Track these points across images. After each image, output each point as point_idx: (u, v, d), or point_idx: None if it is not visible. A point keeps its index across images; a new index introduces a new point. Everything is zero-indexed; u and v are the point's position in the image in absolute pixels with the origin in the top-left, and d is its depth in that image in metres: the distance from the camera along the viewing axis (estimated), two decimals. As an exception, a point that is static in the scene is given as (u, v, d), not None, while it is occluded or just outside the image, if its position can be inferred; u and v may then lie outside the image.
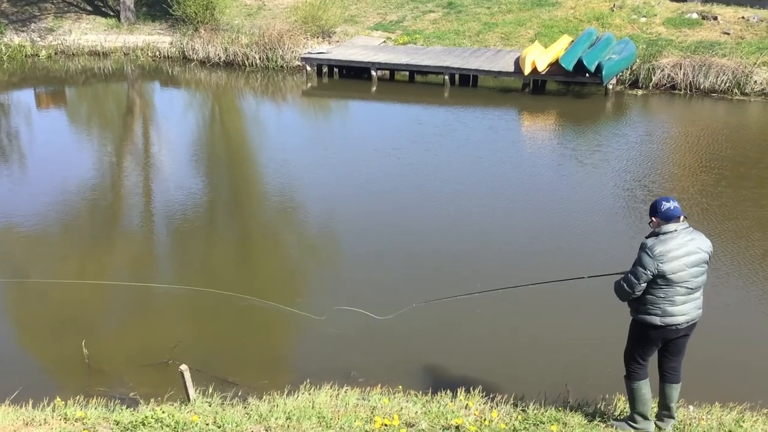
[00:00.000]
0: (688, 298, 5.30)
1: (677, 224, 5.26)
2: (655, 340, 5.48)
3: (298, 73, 21.57)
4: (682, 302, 5.29)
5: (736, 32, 20.45)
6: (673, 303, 5.28)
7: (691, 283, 5.26)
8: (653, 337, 5.45)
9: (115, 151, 15.48)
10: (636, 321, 5.52)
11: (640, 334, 5.51)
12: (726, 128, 16.09)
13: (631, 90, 19.11)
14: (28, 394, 6.53)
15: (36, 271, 9.68)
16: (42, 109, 19.26)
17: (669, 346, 5.54)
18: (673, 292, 5.25)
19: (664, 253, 5.16)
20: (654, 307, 5.32)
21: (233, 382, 7.09)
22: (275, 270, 10.03)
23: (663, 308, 5.30)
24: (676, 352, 5.58)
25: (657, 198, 5.46)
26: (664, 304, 5.29)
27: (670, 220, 5.26)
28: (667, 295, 5.26)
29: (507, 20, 23.19)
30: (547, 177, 12.97)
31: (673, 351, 5.57)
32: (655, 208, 5.35)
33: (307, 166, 13.76)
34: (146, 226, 11.37)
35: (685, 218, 5.36)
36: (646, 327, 5.41)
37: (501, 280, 8.64)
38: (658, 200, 5.37)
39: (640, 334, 5.51)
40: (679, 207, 5.32)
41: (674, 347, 5.54)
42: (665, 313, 5.30)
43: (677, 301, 5.28)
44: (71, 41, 24.24)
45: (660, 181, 12.81)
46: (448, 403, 6.22)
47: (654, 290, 5.28)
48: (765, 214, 11.25)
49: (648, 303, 5.34)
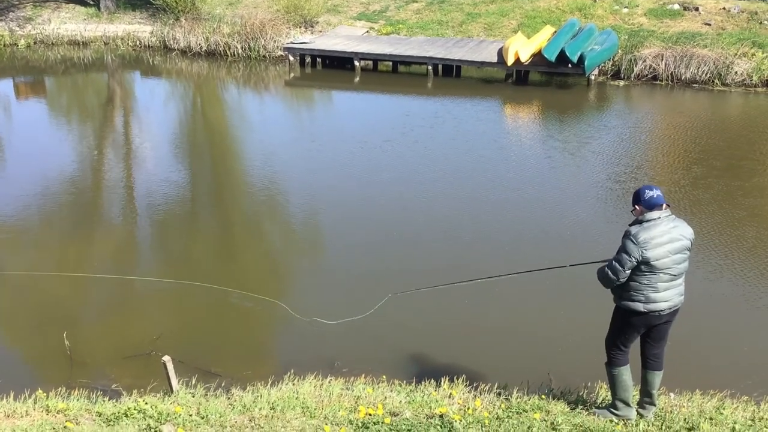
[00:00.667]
0: (670, 285, 5.37)
1: (660, 212, 5.32)
2: (637, 327, 5.54)
3: (281, 63, 21.46)
4: (665, 288, 5.35)
5: (717, 23, 20.58)
6: (657, 289, 5.33)
7: (674, 269, 5.33)
8: (636, 323, 5.50)
9: (96, 143, 15.33)
10: (619, 308, 5.58)
11: (623, 320, 5.57)
12: (708, 119, 16.20)
13: (613, 81, 19.18)
14: (9, 386, 6.48)
15: (16, 262, 9.59)
16: (21, 100, 19.02)
17: (651, 333, 5.60)
18: (656, 279, 5.31)
19: (648, 240, 5.21)
20: (637, 294, 5.38)
21: (216, 373, 7.08)
22: (258, 262, 9.99)
23: (646, 294, 5.35)
24: (659, 339, 5.64)
25: (640, 187, 5.51)
26: (647, 290, 5.34)
27: (653, 208, 5.31)
28: (650, 282, 5.32)
29: (490, 11, 23.19)
30: (531, 167, 13.00)
31: (656, 337, 5.63)
32: (638, 197, 5.40)
33: (291, 157, 13.72)
34: (128, 217, 11.29)
35: (668, 206, 5.41)
36: (630, 313, 5.47)
37: (485, 270, 8.67)
38: (641, 189, 5.42)
39: (623, 320, 5.57)
40: (662, 195, 5.37)
41: (657, 333, 5.60)
42: (648, 300, 5.36)
43: (660, 288, 5.33)
44: (50, 30, 23.93)
45: (643, 170, 12.88)
46: (432, 393, 6.24)
47: (638, 277, 5.34)
48: (749, 203, 11.34)
49: (632, 290, 5.40)
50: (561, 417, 5.75)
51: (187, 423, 5.60)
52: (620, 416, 5.78)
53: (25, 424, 5.60)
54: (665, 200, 5.39)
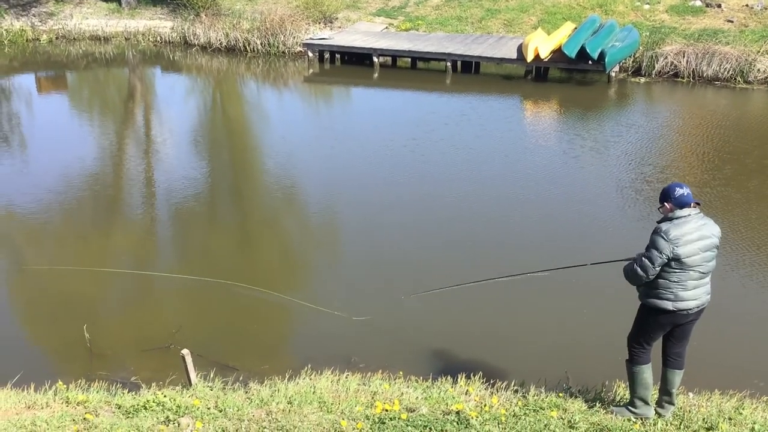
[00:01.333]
0: (699, 283, 5.32)
1: (689, 209, 5.27)
2: (664, 325, 5.49)
3: (300, 59, 21.49)
4: (693, 287, 5.30)
5: (740, 20, 20.34)
6: (686, 287, 5.28)
7: (704, 267, 5.29)
8: (663, 321, 5.45)
9: (116, 137, 15.45)
10: (645, 305, 5.51)
11: (650, 318, 5.50)
12: (730, 116, 16.03)
13: (634, 77, 19.02)
14: (30, 377, 6.56)
15: (37, 256, 9.71)
16: (43, 94, 19.22)
17: (675, 332, 5.55)
18: (686, 276, 5.26)
19: (679, 236, 5.17)
20: (666, 292, 5.32)
21: (234, 367, 7.12)
22: (278, 258, 10.03)
23: (675, 293, 5.30)
24: (682, 338, 5.59)
25: (669, 184, 5.44)
26: (677, 288, 5.29)
27: (683, 206, 5.26)
28: (680, 280, 5.27)
29: (510, 7, 23.08)
30: (551, 164, 12.91)
31: (679, 336, 5.58)
32: (667, 194, 5.34)
33: (311, 154, 13.74)
34: (148, 212, 11.37)
35: (698, 204, 5.36)
36: (657, 311, 5.41)
37: (505, 267, 8.65)
38: (671, 186, 5.36)
39: (650, 318, 5.50)
40: (691, 193, 5.33)
41: (681, 333, 5.55)
42: (678, 298, 5.31)
43: (689, 286, 5.29)
44: (72, 26, 24.13)
45: (665, 168, 12.75)
46: (449, 389, 6.24)
47: (667, 274, 5.28)
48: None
49: (660, 287, 5.34)
50: (578, 415, 5.73)
51: (205, 416, 5.64)
52: (638, 414, 5.74)
53: (46, 416, 5.68)
54: (694, 199, 5.34)
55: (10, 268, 9.56)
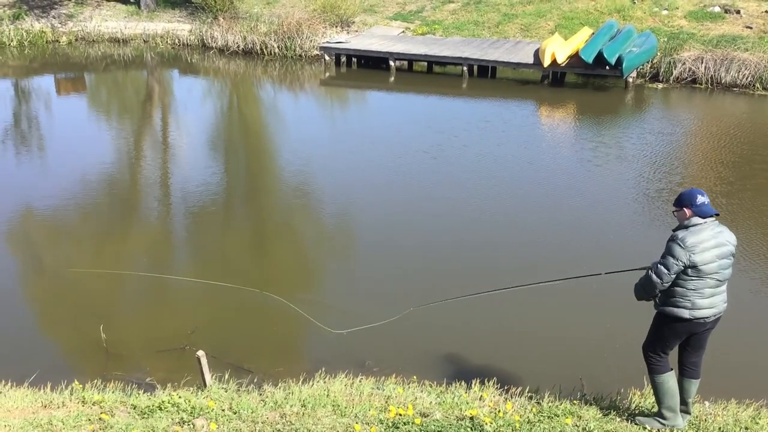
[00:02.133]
0: (716, 291, 5.27)
1: (708, 218, 5.22)
2: (680, 334, 5.42)
3: (317, 63, 21.56)
4: (710, 295, 5.25)
5: (759, 26, 20.21)
6: (703, 295, 5.23)
7: (720, 275, 5.23)
8: (679, 330, 5.39)
9: (134, 139, 15.56)
10: (661, 314, 5.45)
11: (666, 326, 5.43)
12: (749, 123, 15.92)
13: (651, 83, 18.94)
14: (47, 377, 6.61)
15: (54, 256, 9.79)
16: (62, 96, 19.39)
17: (691, 340, 5.50)
18: (703, 284, 5.20)
19: (696, 243, 5.12)
20: (683, 300, 5.26)
21: (249, 369, 7.14)
22: (294, 261, 10.04)
23: (693, 301, 5.24)
24: (698, 347, 5.54)
25: (689, 189, 5.36)
26: (694, 296, 5.23)
27: (704, 216, 5.19)
28: (697, 288, 5.21)
29: (527, 11, 23.05)
30: (567, 170, 12.87)
31: (696, 345, 5.52)
32: (688, 200, 5.25)
33: (327, 157, 13.77)
34: (165, 214, 11.44)
35: (717, 215, 5.28)
36: (673, 320, 5.34)
37: (520, 273, 8.63)
38: (692, 192, 5.28)
39: (666, 326, 5.43)
40: (710, 203, 5.27)
41: (697, 341, 5.50)
42: (695, 306, 5.24)
43: (706, 294, 5.23)
44: (91, 28, 24.36)
45: (682, 175, 12.68)
46: (463, 394, 6.22)
47: (684, 282, 5.22)
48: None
49: (677, 295, 5.27)
50: (593, 423, 5.70)
51: (219, 418, 5.66)
52: (669, 425, 5.63)
53: (62, 415, 5.71)
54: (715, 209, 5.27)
55: (27, 267, 9.64)
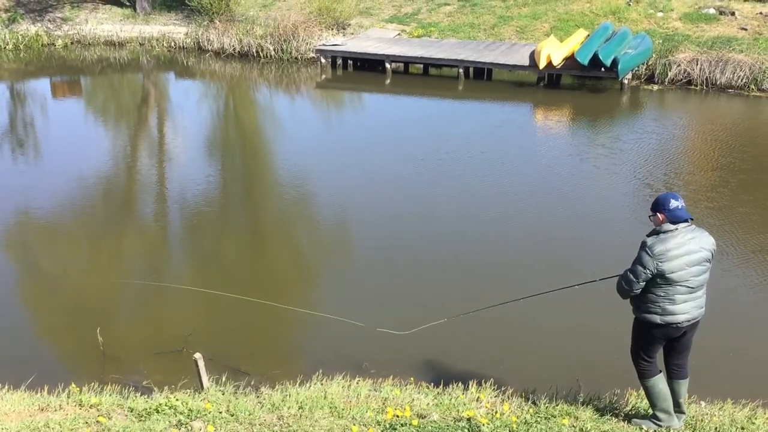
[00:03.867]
0: (688, 297, 5.26)
1: (681, 223, 5.19)
2: (658, 338, 5.46)
3: (313, 65, 21.57)
4: (682, 301, 5.24)
5: (754, 28, 20.27)
6: (674, 302, 5.23)
7: (692, 282, 5.21)
8: (656, 335, 5.42)
9: (130, 142, 15.56)
10: (638, 319, 5.51)
11: (643, 332, 5.50)
12: (744, 125, 15.98)
13: (647, 85, 18.99)
14: (44, 380, 6.61)
15: (51, 261, 9.79)
16: (58, 99, 19.38)
17: (673, 344, 5.53)
18: (673, 291, 5.20)
19: (663, 252, 5.11)
20: (654, 306, 5.29)
21: (246, 372, 7.14)
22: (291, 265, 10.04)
23: (663, 306, 5.26)
24: (681, 350, 5.57)
25: (664, 193, 5.36)
26: (664, 302, 5.24)
27: (677, 220, 5.17)
28: (667, 294, 5.22)
29: (522, 14, 23.09)
30: (564, 173, 12.88)
31: (678, 348, 5.56)
32: (662, 204, 5.23)
33: (323, 159, 13.77)
34: (162, 218, 11.44)
35: (692, 220, 5.26)
36: (648, 325, 5.40)
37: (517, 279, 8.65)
38: (666, 196, 5.26)
39: (643, 332, 5.50)
40: (685, 207, 5.24)
41: (679, 345, 5.53)
42: (665, 312, 5.26)
43: (677, 300, 5.23)
44: (87, 31, 24.33)
45: (678, 177, 12.70)
46: (460, 396, 6.24)
47: (654, 289, 5.25)
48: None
49: (649, 301, 5.31)
50: (590, 423, 5.72)
51: (217, 420, 5.67)
52: (664, 426, 5.66)
53: (59, 418, 5.71)
54: (692, 212, 5.25)
55: (24, 269, 9.63)
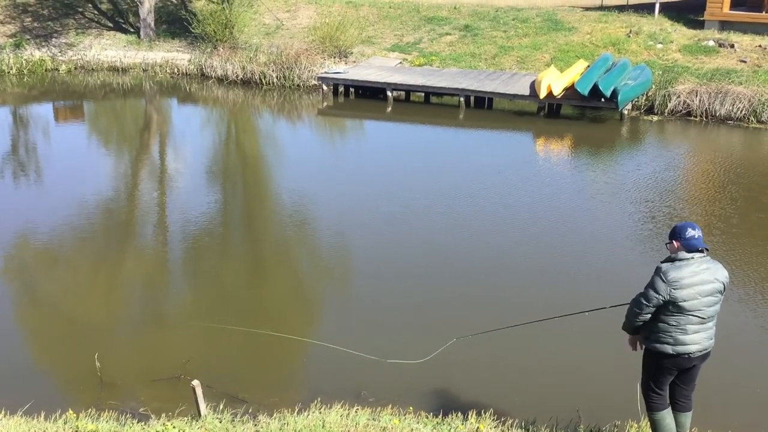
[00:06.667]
0: (700, 328, 5.26)
1: (696, 253, 5.22)
2: (669, 369, 5.43)
3: (315, 92, 21.71)
4: (694, 331, 5.24)
5: (753, 60, 20.44)
6: (685, 332, 5.23)
7: (704, 312, 5.21)
8: (667, 365, 5.40)
9: (132, 168, 15.60)
10: (648, 350, 5.49)
11: (653, 363, 5.47)
12: (744, 156, 16.04)
13: (647, 116, 19.09)
14: (41, 406, 6.58)
15: (50, 286, 9.77)
16: (60, 123, 19.46)
17: (681, 376, 5.51)
18: (685, 321, 5.20)
19: (677, 279, 5.13)
20: (665, 336, 5.28)
21: (244, 399, 7.10)
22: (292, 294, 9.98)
23: (675, 337, 5.25)
24: (688, 381, 5.55)
25: (682, 222, 5.40)
26: (676, 332, 5.24)
27: (691, 249, 5.20)
28: (678, 324, 5.22)
29: (523, 44, 23.30)
30: (564, 203, 12.89)
31: (685, 380, 5.53)
32: (679, 233, 5.28)
33: (324, 186, 13.77)
34: (162, 244, 11.43)
35: (706, 250, 5.29)
36: (659, 356, 5.37)
37: (518, 306, 8.64)
38: (684, 225, 5.31)
39: (653, 363, 5.47)
40: (702, 237, 5.27)
41: (686, 377, 5.51)
42: (677, 342, 5.26)
43: (689, 330, 5.23)
44: (91, 56, 24.52)
45: (678, 208, 12.70)
46: (459, 426, 6.20)
47: (666, 318, 5.24)
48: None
49: (660, 331, 5.30)
50: (589, 455, 5.68)
51: (214, 448, 5.63)
52: None
53: (55, 444, 5.68)
54: (704, 243, 5.26)
55: (21, 294, 9.61)
